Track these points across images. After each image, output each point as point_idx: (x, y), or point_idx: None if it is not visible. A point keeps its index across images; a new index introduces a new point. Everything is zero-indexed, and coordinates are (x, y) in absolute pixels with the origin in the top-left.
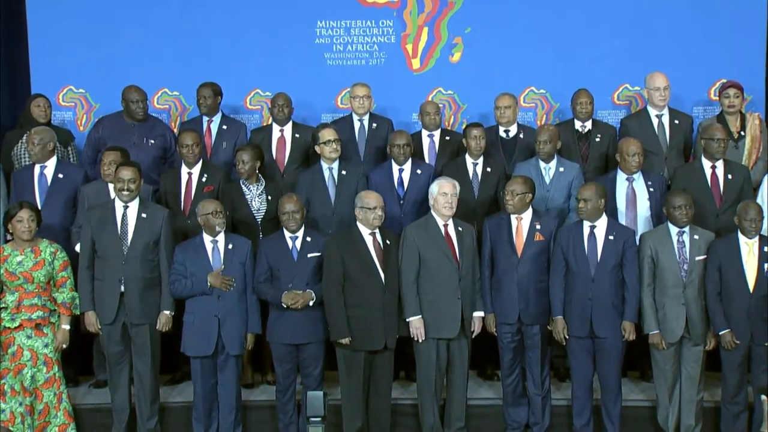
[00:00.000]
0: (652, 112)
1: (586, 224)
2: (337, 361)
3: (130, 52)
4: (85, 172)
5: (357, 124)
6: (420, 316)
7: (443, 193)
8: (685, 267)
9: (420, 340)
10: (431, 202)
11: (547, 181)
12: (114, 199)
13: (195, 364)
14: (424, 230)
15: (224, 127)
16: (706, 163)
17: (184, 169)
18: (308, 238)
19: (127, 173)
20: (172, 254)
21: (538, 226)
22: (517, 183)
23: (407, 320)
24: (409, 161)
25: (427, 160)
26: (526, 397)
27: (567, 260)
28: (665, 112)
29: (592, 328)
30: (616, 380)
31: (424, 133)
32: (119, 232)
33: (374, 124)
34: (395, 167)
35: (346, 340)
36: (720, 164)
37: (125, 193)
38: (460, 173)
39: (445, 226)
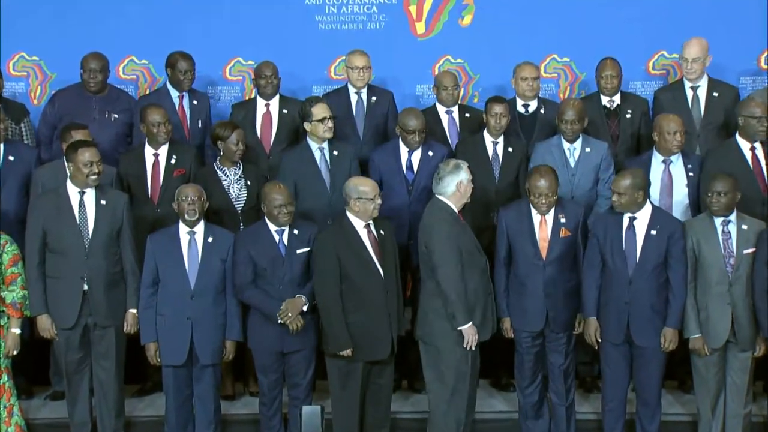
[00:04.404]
0: (687, 83)
1: (626, 214)
2: (328, 372)
3: (92, 14)
4: (38, 153)
5: (354, 98)
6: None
7: (471, 179)
8: (731, 261)
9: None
10: (450, 190)
11: (572, 163)
12: (67, 183)
13: (167, 373)
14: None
15: (194, 102)
16: (744, 144)
17: (149, 150)
18: (295, 231)
19: (91, 154)
20: (136, 245)
21: (563, 220)
22: (547, 179)
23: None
24: None
25: (449, 141)
26: (547, 408)
27: (603, 255)
28: (702, 83)
29: (629, 335)
30: (655, 393)
31: (441, 109)
32: (78, 222)
33: (373, 98)
34: (403, 148)
35: (347, 352)
36: (760, 144)
37: (93, 177)
38: (479, 153)
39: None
